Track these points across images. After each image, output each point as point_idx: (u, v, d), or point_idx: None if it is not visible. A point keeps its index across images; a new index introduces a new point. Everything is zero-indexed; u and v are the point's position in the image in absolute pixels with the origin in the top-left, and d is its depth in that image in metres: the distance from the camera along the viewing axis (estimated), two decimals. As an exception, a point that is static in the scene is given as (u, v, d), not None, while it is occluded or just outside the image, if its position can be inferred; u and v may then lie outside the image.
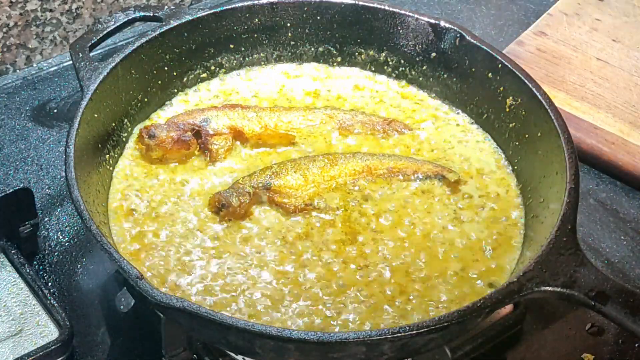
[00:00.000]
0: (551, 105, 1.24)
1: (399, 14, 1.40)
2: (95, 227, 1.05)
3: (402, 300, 1.12)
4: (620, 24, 1.77)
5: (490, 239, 1.21)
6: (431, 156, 1.32)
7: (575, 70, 1.65)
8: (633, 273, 1.35)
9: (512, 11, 1.90)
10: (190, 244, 1.17)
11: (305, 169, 1.25)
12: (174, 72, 1.38)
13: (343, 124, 1.35)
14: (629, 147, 1.50)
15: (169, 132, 1.27)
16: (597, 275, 1.03)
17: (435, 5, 1.91)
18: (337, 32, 1.44)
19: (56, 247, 1.34)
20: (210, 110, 1.33)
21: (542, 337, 1.25)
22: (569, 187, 1.12)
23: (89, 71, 1.24)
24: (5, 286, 1.22)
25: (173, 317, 1.06)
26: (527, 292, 1.02)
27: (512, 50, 1.68)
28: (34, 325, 1.18)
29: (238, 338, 1.01)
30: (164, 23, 1.35)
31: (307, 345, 0.98)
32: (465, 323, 1.03)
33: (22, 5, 1.64)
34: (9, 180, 1.44)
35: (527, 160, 1.28)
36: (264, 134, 1.31)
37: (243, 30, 1.42)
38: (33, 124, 1.54)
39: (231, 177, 1.27)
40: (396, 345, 1.00)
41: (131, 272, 1.01)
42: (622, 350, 1.24)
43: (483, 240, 1.20)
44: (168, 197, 1.23)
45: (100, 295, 1.28)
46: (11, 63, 1.70)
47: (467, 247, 1.19)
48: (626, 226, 1.43)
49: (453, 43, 1.37)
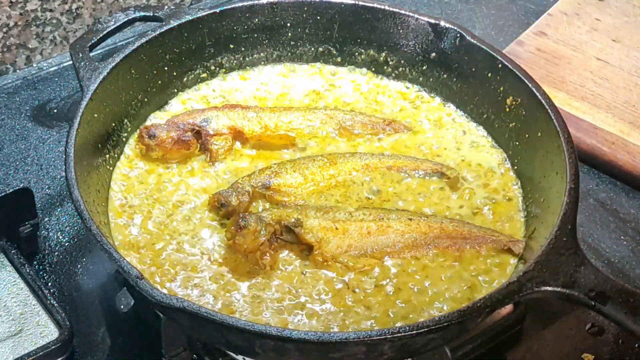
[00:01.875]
0: (551, 105, 1.24)
1: (399, 14, 1.40)
2: (95, 227, 1.05)
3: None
4: (620, 24, 1.77)
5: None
6: (431, 156, 1.32)
7: (575, 70, 1.65)
8: (633, 273, 1.35)
9: (512, 11, 1.90)
10: (190, 243, 1.17)
11: (305, 168, 1.25)
12: (174, 72, 1.38)
13: (343, 125, 1.35)
14: (629, 147, 1.50)
15: (169, 132, 1.27)
16: (597, 275, 1.03)
17: (435, 5, 1.91)
18: (337, 32, 1.44)
19: (56, 247, 1.34)
20: (211, 110, 1.33)
21: (542, 337, 1.25)
22: (569, 187, 1.12)
23: (89, 71, 1.24)
24: (5, 286, 1.22)
25: (173, 317, 1.06)
26: (527, 292, 1.02)
27: (512, 50, 1.68)
28: (34, 325, 1.18)
29: (238, 338, 1.01)
30: (164, 23, 1.35)
31: (307, 345, 0.98)
32: (465, 323, 1.03)
33: (22, 5, 1.64)
34: (9, 180, 1.44)
35: (527, 160, 1.28)
36: (264, 134, 1.31)
37: (243, 30, 1.42)
38: (33, 124, 1.54)
39: (231, 177, 1.27)
40: (396, 345, 1.00)
41: (131, 272, 1.01)
42: (622, 350, 1.24)
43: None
44: (168, 197, 1.23)
45: (100, 295, 1.28)
46: (11, 63, 1.70)
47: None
48: (626, 226, 1.43)
49: (453, 43, 1.37)
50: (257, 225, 1.11)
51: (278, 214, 1.16)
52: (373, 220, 1.17)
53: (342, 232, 1.15)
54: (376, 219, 1.17)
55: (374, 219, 1.17)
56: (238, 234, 1.11)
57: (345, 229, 1.15)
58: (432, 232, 1.17)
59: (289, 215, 1.15)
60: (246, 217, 1.12)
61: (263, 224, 1.12)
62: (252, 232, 1.11)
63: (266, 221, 1.13)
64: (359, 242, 1.15)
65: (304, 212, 1.16)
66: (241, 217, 1.12)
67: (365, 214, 1.18)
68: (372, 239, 1.16)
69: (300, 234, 1.14)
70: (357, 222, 1.16)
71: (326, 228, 1.15)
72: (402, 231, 1.17)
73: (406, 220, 1.18)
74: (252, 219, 1.12)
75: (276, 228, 1.14)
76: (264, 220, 1.13)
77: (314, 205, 1.20)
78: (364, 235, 1.16)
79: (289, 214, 1.15)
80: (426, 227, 1.17)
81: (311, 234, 1.14)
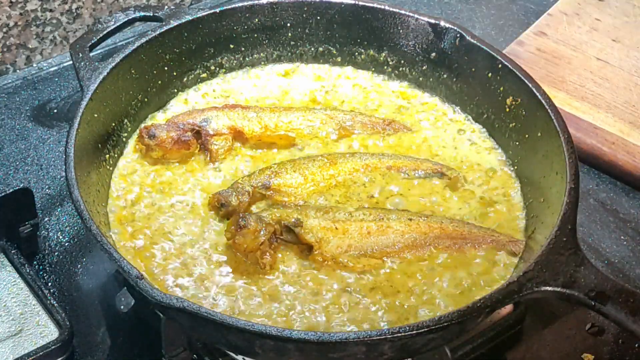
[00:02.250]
0: (551, 105, 1.24)
1: (399, 14, 1.40)
2: (95, 227, 1.05)
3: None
4: (620, 24, 1.77)
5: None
6: (431, 156, 1.32)
7: (575, 70, 1.65)
8: (633, 273, 1.35)
9: (512, 11, 1.90)
10: (190, 243, 1.17)
11: (305, 168, 1.25)
12: (174, 72, 1.38)
13: (343, 125, 1.35)
14: (629, 147, 1.50)
15: (169, 132, 1.27)
16: (597, 275, 1.03)
17: (435, 5, 1.91)
18: (337, 32, 1.44)
19: (56, 247, 1.34)
20: (211, 110, 1.33)
21: (542, 337, 1.25)
22: (569, 187, 1.12)
23: (89, 71, 1.24)
24: (5, 286, 1.22)
25: (173, 317, 1.06)
26: (527, 292, 1.02)
27: (512, 50, 1.68)
28: (34, 325, 1.18)
29: (238, 338, 1.01)
30: (164, 23, 1.35)
31: (307, 345, 0.98)
32: (465, 323, 1.03)
33: (22, 5, 1.64)
34: (9, 180, 1.44)
35: (527, 160, 1.28)
36: (263, 134, 1.31)
37: (243, 30, 1.42)
38: (33, 124, 1.54)
39: (231, 177, 1.27)
40: (396, 345, 1.00)
41: (131, 272, 1.01)
42: (622, 350, 1.24)
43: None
44: (168, 196, 1.23)
45: (100, 295, 1.28)
46: (11, 63, 1.70)
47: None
48: (626, 226, 1.43)
49: (453, 43, 1.37)
50: (257, 225, 1.12)
51: (278, 213, 1.16)
52: (373, 220, 1.17)
53: (342, 232, 1.15)
54: (376, 219, 1.17)
55: (374, 219, 1.17)
56: (238, 234, 1.11)
57: (345, 229, 1.15)
58: (432, 232, 1.17)
59: (289, 215, 1.15)
60: (246, 216, 1.12)
61: (263, 223, 1.12)
62: (252, 232, 1.11)
63: (266, 221, 1.13)
64: (359, 242, 1.15)
65: (304, 212, 1.16)
66: (241, 217, 1.12)
67: (365, 214, 1.18)
68: (372, 239, 1.16)
69: (300, 234, 1.14)
70: (357, 222, 1.16)
71: (326, 228, 1.15)
72: (402, 231, 1.17)
73: (406, 220, 1.18)
74: (252, 218, 1.12)
75: (276, 228, 1.14)
76: (263, 220, 1.13)
77: (314, 206, 1.20)
78: (364, 236, 1.16)
79: (289, 214, 1.16)
80: (426, 227, 1.18)
81: (311, 234, 1.14)
